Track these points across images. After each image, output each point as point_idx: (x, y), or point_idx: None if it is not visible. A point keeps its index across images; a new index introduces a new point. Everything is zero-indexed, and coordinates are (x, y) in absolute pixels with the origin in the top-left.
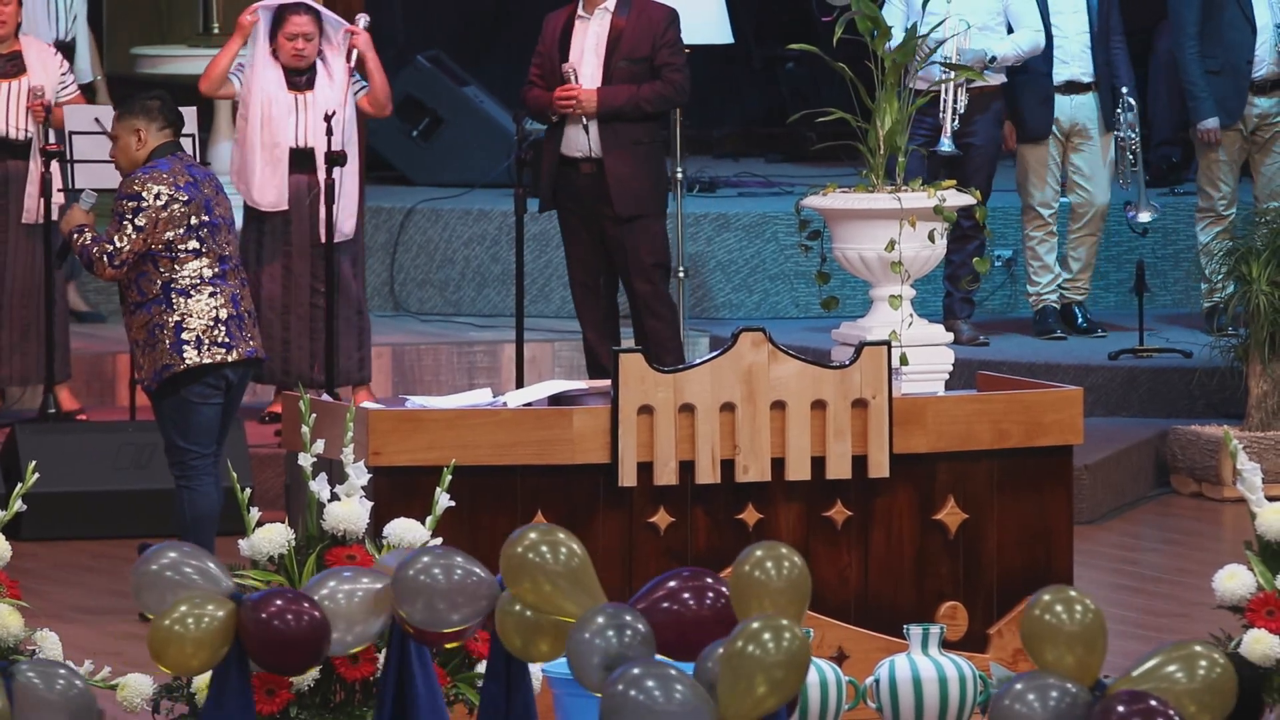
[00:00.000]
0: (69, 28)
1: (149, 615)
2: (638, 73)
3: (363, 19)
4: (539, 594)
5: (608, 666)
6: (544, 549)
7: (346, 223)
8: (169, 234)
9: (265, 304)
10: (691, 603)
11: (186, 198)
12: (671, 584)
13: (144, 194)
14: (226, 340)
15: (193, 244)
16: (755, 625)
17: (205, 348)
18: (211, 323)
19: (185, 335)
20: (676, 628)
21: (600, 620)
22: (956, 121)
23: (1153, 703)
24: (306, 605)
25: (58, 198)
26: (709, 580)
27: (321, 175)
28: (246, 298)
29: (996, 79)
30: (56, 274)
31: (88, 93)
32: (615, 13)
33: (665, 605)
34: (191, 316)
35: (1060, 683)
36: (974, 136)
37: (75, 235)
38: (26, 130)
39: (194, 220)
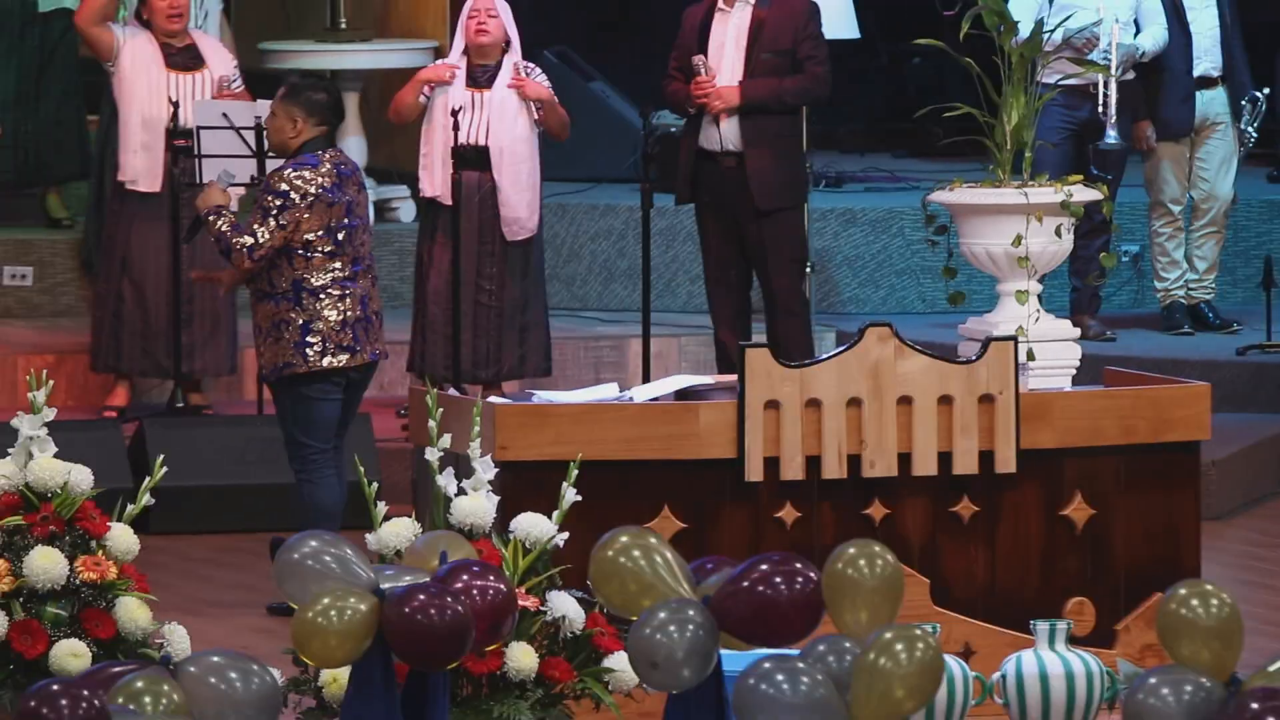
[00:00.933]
0: (200, 23)
1: (284, 607)
2: (780, 65)
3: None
4: (625, 596)
5: (655, 664)
6: (635, 553)
7: (532, 219)
8: (309, 235)
9: (431, 299)
10: (782, 587)
11: (331, 199)
12: (763, 567)
13: (291, 192)
14: (351, 344)
15: (330, 246)
16: (888, 636)
17: (330, 351)
18: (338, 326)
19: (310, 337)
20: (766, 613)
21: (662, 615)
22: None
23: None
24: (450, 600)
25: (236, 190)
26: (798, 565)
27: (500, 175)
28: (375, 298)
29: (1127, 75)
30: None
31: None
32: (756, 5)
33: (759, 590)
34: (318, 319)
35: (1194, 677)
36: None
37: (212, 217)
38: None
39: (334, 223)
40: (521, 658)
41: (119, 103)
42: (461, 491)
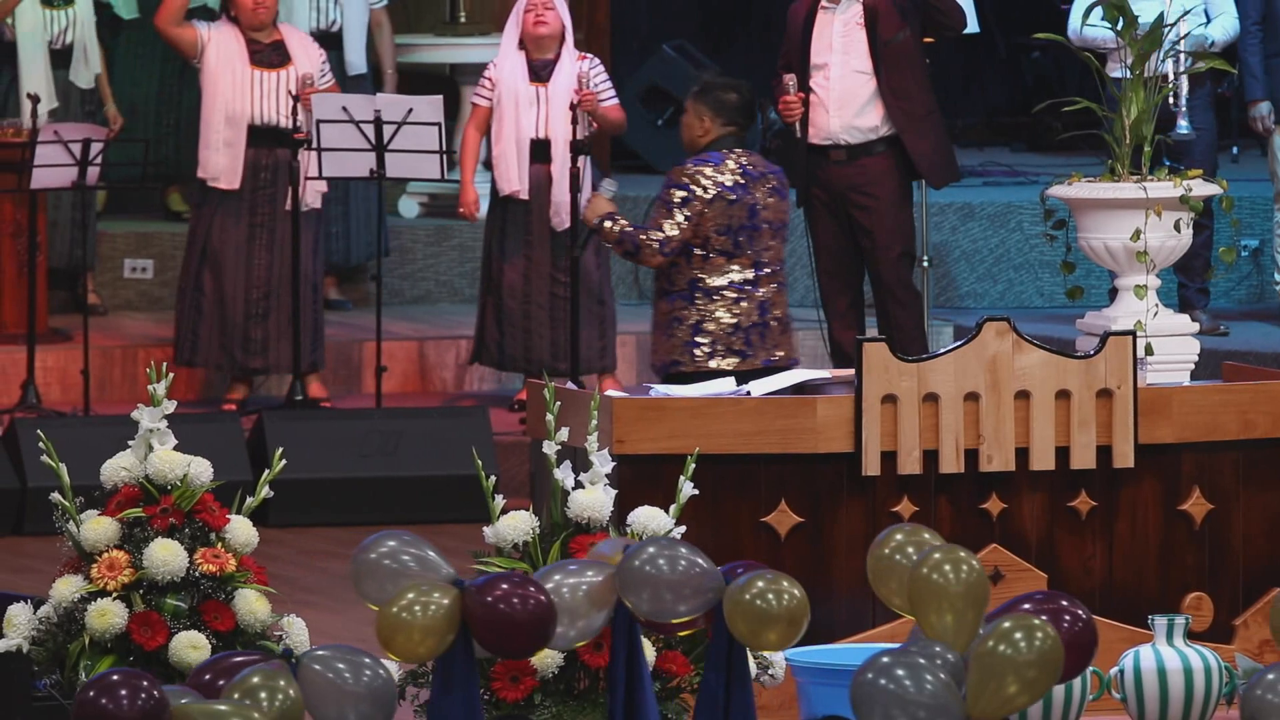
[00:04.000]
0: (334, 18)
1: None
2: (910, 44)
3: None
4: (905, 595)
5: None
6: (910, 550)
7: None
8: (709, 230)
9: (507, 292)
10: (1064, 625)
11: (733, 197)
12: (1025, 607)
13: (692, 185)
14: (742, 348)
15: (728, 246)
16: (1007, 624)
17: (719, 354)
18: (730, 329)
19: (700, 337)
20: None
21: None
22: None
23: None
24: (533, 589)
25: (316, 184)
26: (1064, 603)
27: (556, 165)
28: (780, 304)
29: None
30: (316, 263)
31: (365, 84)
32: None
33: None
34: (710, 320)
35: None
36: (1192, 122)
37: (607, 224)
38: (295, 119)
39: (734, 222)
40: None
41: (203, 99)
42: (579, 485)
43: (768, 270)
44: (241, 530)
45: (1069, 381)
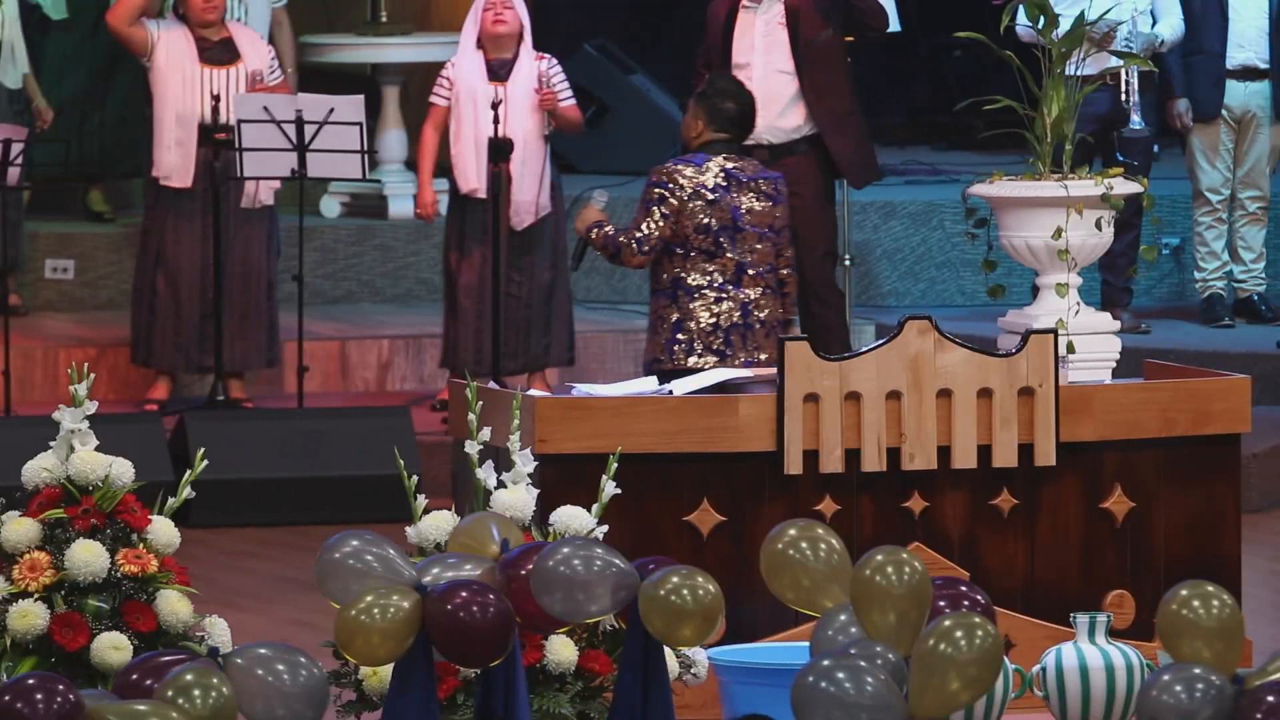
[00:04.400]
0: (239, 17)
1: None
2: (833, 43)
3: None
4: (797, 590)
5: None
6: (804, 545)
7: (534, 206)
8: (688, 229)
9: (463, 291)
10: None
11: (713, 198)
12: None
13: (669, 182)
14: (721, 348)
15: (709, 246)
16: (948, 623)
17: (697, 352)
18: (710, 328)
19: (680, 335)
20: None
21: (843, 617)
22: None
23: None
24: (492, 597)
25: (269, 181)
26: (963, 588)
27: (514, 165)
28: (766, 307)
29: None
30: (269, 260)
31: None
32: None
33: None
34: (690, 319)
35: (1205, 674)
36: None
37: (594, 232)
38: (216, 118)
39: (715, 222)
40: (561, 650)
41: (154, 98)
42: (501, 484)
43: (753, 272)
44: (163, 531)
45: (991, 380)
